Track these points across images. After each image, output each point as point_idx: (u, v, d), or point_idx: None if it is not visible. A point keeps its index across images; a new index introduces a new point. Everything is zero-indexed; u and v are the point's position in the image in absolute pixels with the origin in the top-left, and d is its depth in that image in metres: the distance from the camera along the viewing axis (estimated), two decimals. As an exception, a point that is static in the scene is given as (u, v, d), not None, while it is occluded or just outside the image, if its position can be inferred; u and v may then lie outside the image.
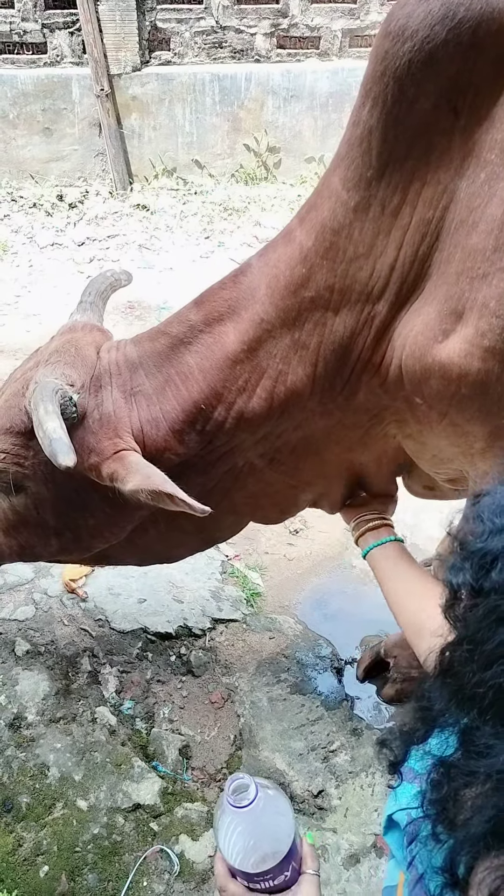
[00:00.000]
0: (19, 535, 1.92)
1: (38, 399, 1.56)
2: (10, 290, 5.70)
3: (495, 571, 0.91)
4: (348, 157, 1.46)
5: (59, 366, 1.69)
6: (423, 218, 1.42)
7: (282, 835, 1.14)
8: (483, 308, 1.35)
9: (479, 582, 0.92)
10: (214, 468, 1.82)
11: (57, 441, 1.47)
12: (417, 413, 1.60)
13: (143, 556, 2.14)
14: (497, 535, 0.93)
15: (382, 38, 1.37)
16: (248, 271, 1.65)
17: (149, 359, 1.72)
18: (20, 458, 1.74)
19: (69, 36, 6.67)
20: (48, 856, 2.27)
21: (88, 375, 1.70)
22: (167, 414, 1.68)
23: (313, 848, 1.20)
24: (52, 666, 2.80)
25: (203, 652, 2.89)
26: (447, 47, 1.31)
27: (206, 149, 7.09)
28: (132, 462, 1.59)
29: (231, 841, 1.11)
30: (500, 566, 0.90)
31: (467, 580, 0.94)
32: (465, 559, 0.96)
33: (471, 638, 0.92)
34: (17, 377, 1.79)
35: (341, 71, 6.76)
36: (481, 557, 0.93)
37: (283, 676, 2.80)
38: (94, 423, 1.66)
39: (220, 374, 1.65)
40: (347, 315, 1.55)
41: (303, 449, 1.83)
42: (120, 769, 2.47)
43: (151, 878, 2.23)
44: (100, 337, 1.85)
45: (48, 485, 1.77)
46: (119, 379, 1.71)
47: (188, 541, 2.08)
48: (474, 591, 0.93)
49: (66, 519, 1.83)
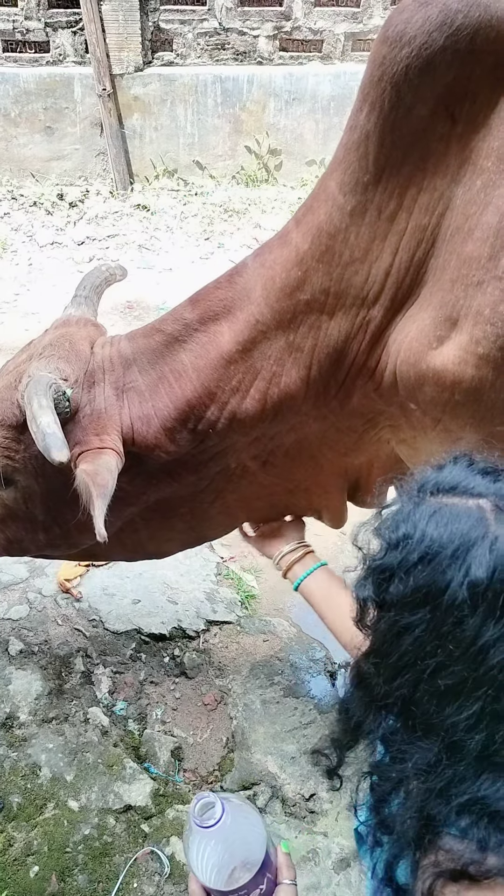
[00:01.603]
0: (7, 528, 1.92)
1: (31, 393, 1.55)
2: (10, 288, 5.70)
3: (393, 585, 0.93)
4: (345, 161, 1.46)
5: (53, 360, 1.68)
6: (418, 224, 1.42)
7: (254, 848, 1.13)
8: (478, 315, 1.35)
9: (381, 595, 0.96)
10: (207, 468, 1.82)
11: (51, 436, 1.47)
12: (411, 419, 1.60)
13: (132, 552, 2.13)
14: (393, 551, 0.95)
15: (380, 43, 1.37)
16: (244, 271, 1.65)
17: (143, 355, 1.72)
18: (10, 452, 1.73)
19: (72, 35, 6.67)
20: (39, 856, 2.26)
21: (82, 370, 1.69)
22: (159, 411, 1.68)
23: (289, 857, 1.20)
24: (46, 666, 2.80)
25: (197, 654, 2.89)
26: (445, 54, 1.31)
27: (207, 150, 7.09)
28: (102, 458, 1.60)
29: (202, 861, 1.11)
30: (397, 580, 0.93)
31: (370, 594, 0.97)
32: (366, 574, 0.99)
33: (377, 651, 0.97)
34: (9, 369, 1.78)
35: (343, 74, 6.76)
36: (380, 573, 0.96)
37: (277, 679, 2.80)
38: (85, 418, 1.66)
39: (213, 374, 1.65)
40: (342, 319, 1.55)
41: (296, 452, 1.83)
42: (112, 770, 2.47)
43: (142, 879, 2.23)
44: (94, 332, 1.85)
45: (38, 479, 1.76)
46: (112, 375, 1.70)
47: (178, 538, 2.07)
48: (377, 604, 0.97)
49: (54, 513, 1.82)
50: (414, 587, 0.91)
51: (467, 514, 0.91)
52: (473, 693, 0.88)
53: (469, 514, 0.91)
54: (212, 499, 1.92)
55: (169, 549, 2.16)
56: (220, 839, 1.10)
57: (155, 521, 1.96)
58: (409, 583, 0.91)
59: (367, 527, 1.04)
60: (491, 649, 0.87)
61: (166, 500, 1.89)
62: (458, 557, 0.88)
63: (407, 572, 0.92)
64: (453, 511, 0.93)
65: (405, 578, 0.92)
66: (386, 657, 0.94)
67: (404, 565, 0.92)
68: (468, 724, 0.89)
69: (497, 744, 0.89)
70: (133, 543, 2.00)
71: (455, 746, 0.90)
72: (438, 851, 0.89)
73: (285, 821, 2.37)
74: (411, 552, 0.92)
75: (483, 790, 0.89)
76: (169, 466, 1.76)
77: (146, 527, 1.96)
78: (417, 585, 0.91)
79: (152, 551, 2.15)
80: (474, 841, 0.87)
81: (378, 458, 1.89)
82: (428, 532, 0.92)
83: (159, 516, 1.93)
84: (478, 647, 0.87)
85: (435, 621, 0.90)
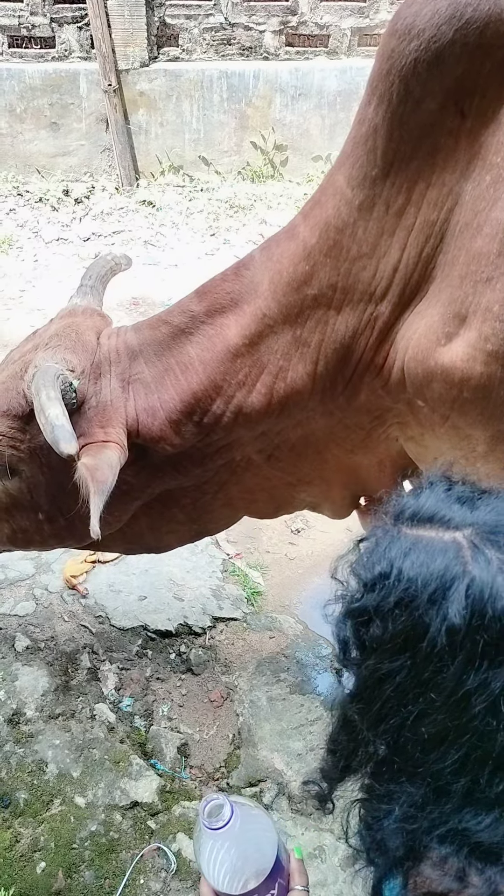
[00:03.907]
0: (12, 518, 1.91)
1: (39, 384, 1.54)
2: (16, 284, 5.70)
3: (372, 628, 0.90)
4: (353, 155, 1.45)
5: (60, 350, 1.67)
6: (427, 219, 1.41)
7: (265, 851, 1.11)
8: (486, 312, 1.34)
9: (360, 639, 0.93)
10: (212, 461, 1.81)
11: (59, 428, 1.46)
12: (419, 416, 1.59)
13: (133, 544, 2.12)
14: (370, 592, 0.91)
15: (389, 36, 1.36)
16: (251, 264, 1.64)
17: (149, 347, 1.71)
18: (16, 442, 1.72)
19: (77, 30, 6.66)
20: (45, 852, 2.27)
21: (89, 361, 1.68)
22: (165, 404, 1.67)
23: (301, 863, 1.18)
24: (52, 662, 2.80)
25: (203, 650, 2.89)
26: (454, 48, 1.30)
27: (212, 146, 7.08)
28: (104, 453, 1.59)
29: (213, 864, 1.09)
30: (375, 624, 0.90)
31: (350, 637, 0.94)
32: (345, 615, 0.95)
33: (360, 696, 0.95)
34: (14, 359, 1.76)
35: (350, 69, 6.73)
36: (358, 615, 0.92)
37: (283, 676, 2.79)
38: (91, 410, 1.65)
39: (220, 367, 1.64)
40: (350, 314, 1.54)
41: (302, 448, 1.82)
42: (118, 766, 2.47)
43: (148, 875, 2.23)
44: (100, 322, 1.84)
45: (43, 469, 1.75)
46: (118, 366, 1.69)
47: (179, 530, 2.06)
48: (358, 647, 0.94)
49: (59, 504, 1.82)
50: (393, 632, 0.88)
51: (443, 551, 0.87)
52: (457, 740, 0.86)
53: (445, 551, 0.87)
54: (215, 490, 1.91)
55: (168, 542, 2.14)
56: (230, 841, 1.09)
57: (156, 511, 1.95)
58: (388, 627, 0.88)
59: (345, 561, 1.00)
60: (472, 697, 0.84)
61: (170, 490, 1.88)
62: (434, 602, 0.85)
63: (384, 616, 0.88)
64: (429, 547, 0.88)
65: (384, 623, 0.88)
66: (369, 703, 0.92)
67: (382, 608, 0.89)
68: (453, 769, 0.87)
69: (482, 785, 0.87)
70: (133, 534, 1.99)
71: (440, 790, 0.89)
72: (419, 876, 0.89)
73: (292, 818, 2.37)
74: (388, 595, 0.88)
75: (465, 822, 0.87)
76: (174, 459, 1.76)
77: (147, 515, 1.95)
78: (396, 631, 0.87)
79: (152, 543, 2.13)
80: (453, 870, 0.87)
81: (388, 457, 1.88)
82: (404, 571, 0.87)
83: (160, 506, 1.93)
84: (459, 696, 0.84)
85: (416, 669, 0.87)
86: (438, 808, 0.89)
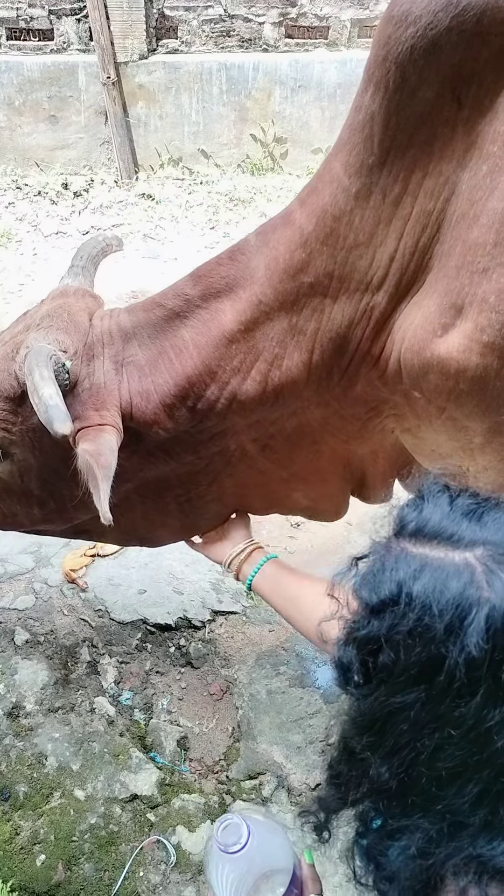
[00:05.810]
0: (2, 501, 1.90)
1: (32, 364, 1.52)
2: (15, 278, 5.68)
3: (381, 657, 0.85)
4: (350, 143, 1.44)
5: (52, 331, 1.65)
6: (423, 209, 1.40)
7: (280, 866, 1.08)
8: (483, 303, 1.33)
9: (367, 667, 0.88)
10: (205, 448, 1.79)
11: (53, 408, 1.44)
12: (416, 407, 1.58)
13: (125, 532, 2.11)
14: (376, 617, 0.86)
15: (385, 22, 1.34)
16: (246, 249, 1.62)
17: (143, 329, 1.69)
18: (7, 424, 1.70)
19: (76, 23, 6.62)
20: (45, 845, 2.27)
21: (81, 342, 1.66)
22: (159, 387, 1.65)
23: (314, 869, 1.15)
24: (52, 656, 2.80)
25: (202, 644, 2.89)
26: (450, 35, 1.28)
27: (212, 138, 7.05)
28: (103, 437, 1.57)
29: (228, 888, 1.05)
30: (386, 654, 0.85)
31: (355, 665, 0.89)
32: (347, 640, 0.90)
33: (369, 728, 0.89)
34: (5, 340, 1.74)
35: (350, 61, 6.70)
36: (366, 643, 0.87)
37: (282, 669, 2.79)
38: (84, 392, 1.63)
39: (214, 352, 1.63)
40: (346, 304, 1.53)
41: (298, 438, 1.81)
42: (118, 759, 2.48)
43: (148, 868, 2.24)
44: (92, 303, 1.81)
45: (35, 452, 1.73)
46: (111, 349, 1.67)
47: (171, 524, 2.04)
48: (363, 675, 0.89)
49: (50, 488, 1.80)
50: (406, 664, 0.83)
51: (457, 574, 0.82)
52: (476, 775, 0.82)
53: (459, 574, 0.82)
54: (209, 481, 1.89)
55: (161, 535, 2.13)
56: (247, 864, 1.04)
57: (150, 500, 1.94)
58: (401, 658, 0.83)
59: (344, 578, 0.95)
60: (493, 733, 0.79)
61: (164, 478, 1.87)
62: (451, 632, 0.80)
63: (396, 646, 0.83)
64: (440, 570, 0.83)
65: (395, 653, 0.84)
66: (380, 736, 0.87)
67: (393, 638, 0.84)
68: (471, 803, 0.83)
69: (500, 816, 0.84)
70: (126, 523, 1.97)
71: (457, 825, 0.85)
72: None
73: (291, 810, 2.37)
74: (398, 622, 0.83)
75: (478, 848, 0.84)
76: (167, 444, 1.74)
77: (141, 504, 1.94)
78: (409, 662, 0.83)
79: (144, 534, 2.12)
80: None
81: (383, 449, 1.88)
82: (416, 597, 0.82)
83: (154, 494, 1.91)
84: (480, 731, 0.80)
85: (432, 702, 0.82)
86: (455, 841, 0.85)
